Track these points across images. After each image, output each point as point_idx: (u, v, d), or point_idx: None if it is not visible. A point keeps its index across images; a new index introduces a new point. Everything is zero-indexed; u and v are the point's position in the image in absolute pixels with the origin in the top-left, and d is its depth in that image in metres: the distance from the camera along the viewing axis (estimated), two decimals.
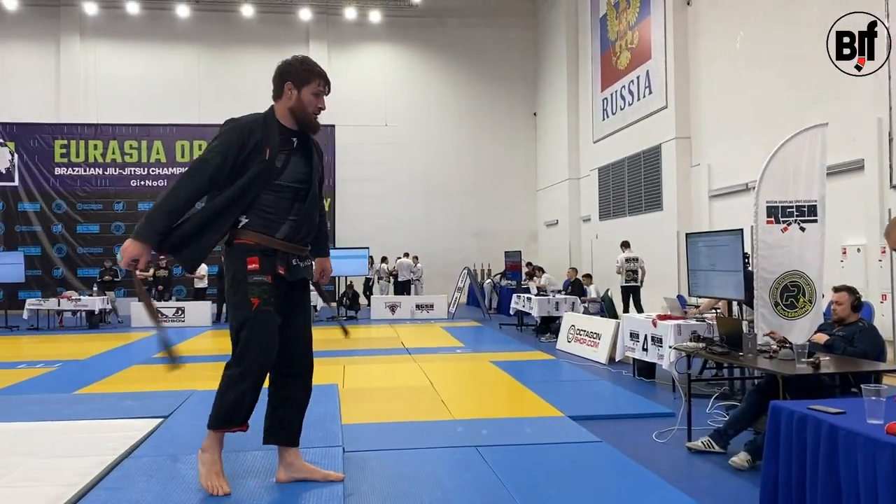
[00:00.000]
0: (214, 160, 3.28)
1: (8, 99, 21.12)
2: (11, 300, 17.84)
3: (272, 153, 3.36)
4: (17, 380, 8.45)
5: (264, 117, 3.47)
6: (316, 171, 3.56)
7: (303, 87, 3.46)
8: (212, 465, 3.31)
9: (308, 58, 3.60)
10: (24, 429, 4.46)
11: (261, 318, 3.31)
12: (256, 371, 3.32)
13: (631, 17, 16.04)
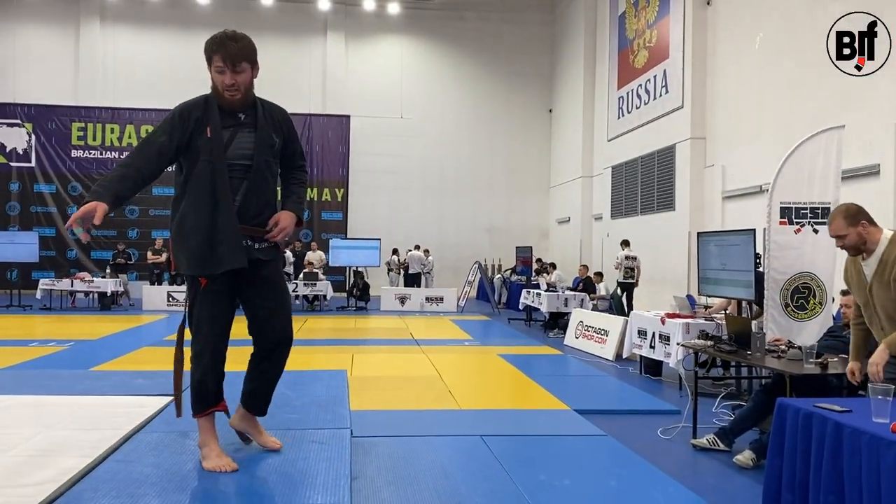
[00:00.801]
0: (159, 138, 3.30)
1: (27, 81, 21.28)
2: (25, 280, 18.04)
3: (214, 130, 3.33)
4: (31, 357, 8.56)
5: (206, 97, 3.44)
6: (263, 146, 3.41)
7: (210, 66, 3.39)
8: (209, 451, 3.34)
9: (223, 33, 3.42)
10: (38, 402, 4.53)
11: (208, 297, 3.33)
12: (210, 348, 3.34)
13: (650, 16, 15.98)
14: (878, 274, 3.65)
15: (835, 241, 3.81)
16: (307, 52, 22.33)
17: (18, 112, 20.92)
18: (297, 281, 16.44)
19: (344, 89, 22.61)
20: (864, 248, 3.71)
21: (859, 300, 3.85)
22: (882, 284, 3.63)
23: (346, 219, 22.51)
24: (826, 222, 6.27)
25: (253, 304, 3.46)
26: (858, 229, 3.67)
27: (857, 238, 3.69)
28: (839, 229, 3.73)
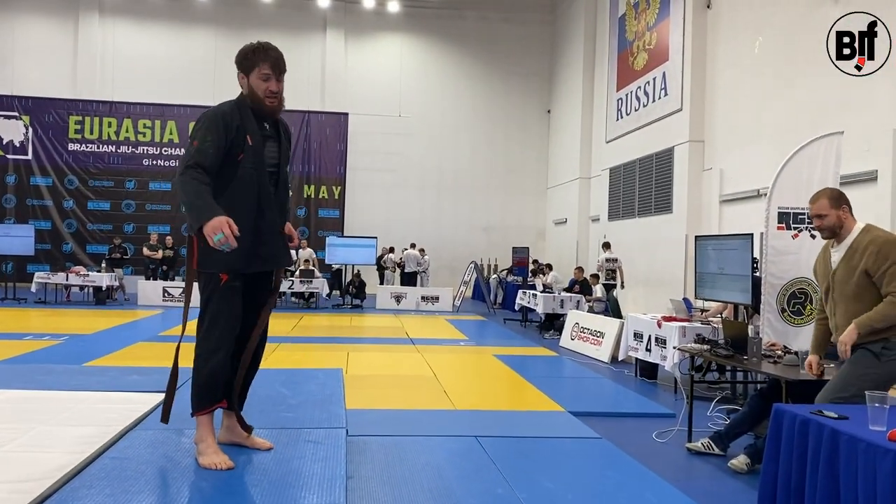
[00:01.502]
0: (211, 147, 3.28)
1: (25, 73, 21.21)
2: (20, 273, 17.98)
3: (255, 138, 3.41)
4: (24, 351, 8.53)
5: (237, 103, 3.48)
6: (286, 155, 3.63)
7: (249, 73, 3.47)
8: (206, 447, 3.33)
9: (263, 43, 3.53)
10: (32, 396, 4.52)
11: (227, 293, 3.38)
12: (225, 344, 3.38)
13: (650, 18, 15.98)
14: (846, 259, 3.80)
15: (813, 220, 3.94)
16: (306, 48, 22.29)
17: (16, 104, 20.84)
18: (294, 278, 16.41)
19: (342, 87, 22.58)
20: (838, 233, 3.86)
21: (821, 286, 4.01)
22: (847, 270, 3.79)
23: (342, 217, 22.48)
24: None
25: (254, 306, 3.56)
26: (839, 212, 3.83)
27: (836, 221, 3.84)
28: (822, 208, 3.87)
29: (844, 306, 3.80)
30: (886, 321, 3.68)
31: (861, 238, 3.78)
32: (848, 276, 3.78)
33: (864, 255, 3.72)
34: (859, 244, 3.78)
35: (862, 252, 3.73)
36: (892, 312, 3.65)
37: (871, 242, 3.73)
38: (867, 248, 3.72)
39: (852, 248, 3.80)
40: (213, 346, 3.34)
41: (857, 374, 3.69)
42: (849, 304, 3.77)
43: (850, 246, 3.82)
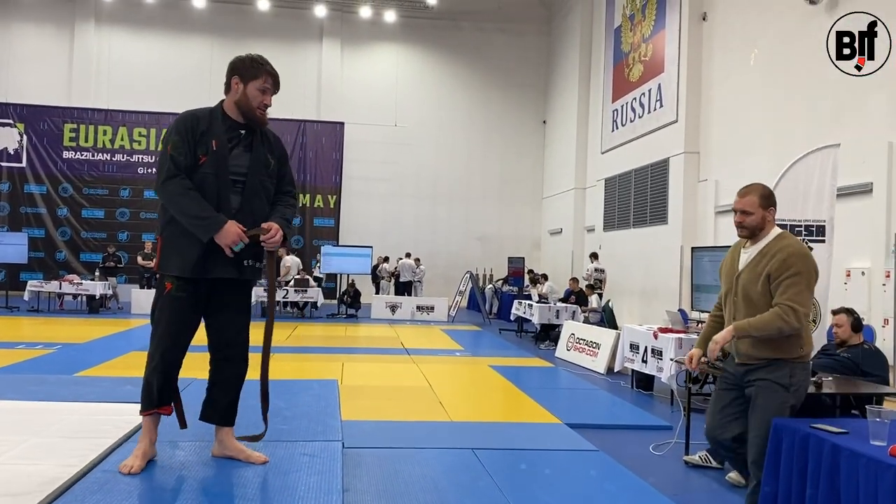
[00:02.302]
0: (180, 153, 3.37)
1: (20, 81, 21.17)
2: (13, 281, 17.88)
3: (220, 143, 3.43)
4: (17, 360, 8.46)
5: (211, 110, 3.55)
6: (258, 164, 3.55)
7: (249, 81, 3.52)
8: (136, 449, 3.41)
9: (260, 56, 3.65)
10: (23, 408, 4.46)
11: (168, 303, 3.41)
12: (161, 350, 3.42)
13: (645, 30, 16.05)
14: (754, 263, 3.64)
15: (736, 214, 3.73)
16: (302, 58, 22.30)
17: (10, 112, 20.78)
18: (288, 287, 16.36)
19: (339, 96, 22.60)
20: (757, 235, 3.69)
21: (724, 287, 3.85)
22: (753, 274, 3.63)
23: (338, 226, 22.45)
24: (822, 240, 6.30)
25: (218, 321, 3.55)
26: (766, 213, 3.65)
27: (760, 221, 3.66)
28: (750, 205, 3.66)
29: (745, 311, 3.62)
30: (765, 331, 3.51)
31: (774, 244, 3.62)
32: (753, 280, 3.61)
33: (771, 261, 3.55)
34: (770, 249, 3.61)
35: (770, 257, 3.57)
36: (775, 324, 3.47)
37: (781, 250, 3.56)
38: (776, 254, 3.56)
39: (762, 253, 3.64)
40: (150, 354, 3.45)
41: (777, 412, 3.57)
42: (750, 308, 3.60)
43: (761, 250, 3.65)
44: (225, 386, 3.61)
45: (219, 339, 3.57)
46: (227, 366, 3.61)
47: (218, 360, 3.60)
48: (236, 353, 3.61)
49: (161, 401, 3.51)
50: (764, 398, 3.59)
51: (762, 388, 3.60)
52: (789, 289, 3.46)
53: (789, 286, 3.46)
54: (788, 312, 3.43)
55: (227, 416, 3.62)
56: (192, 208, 3.30)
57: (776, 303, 3.49)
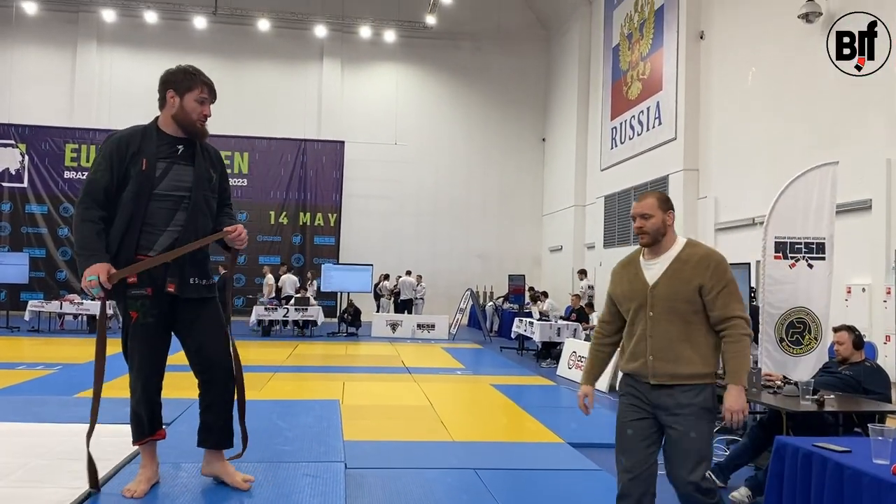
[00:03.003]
0: (104, 177, 3.31)
1: (22, 102, 21.29)
2: (14, 301, 17.87)
3: (149, 163, 3.35)
4: (18, 381, 8.45)
5: (144, 128, 3.48)
6: (201, 180, 3.46)
7: (185, 93, 3.46)
8: (140, 474, 3.42)
9: (193, 66, 3.59)
10: (25, 429, 4.46)
11: (139, 331, 3.39)
12: (142, 381, 3.43)
13: (643, 49, 16.17)
14: (673, 273, 3.23)
15: (635, 220, 3.35)
16: (303, 77, 22.45)
17: (12, 132, 20.88)
18: (289, 306, 16.36)
19: (339, 115, 22.71)
20: (660, 241, 3.30)
21: (631, 304, 3.33)
22: (675, 285, 3.20)
23: (338, 244, 22.48)
24: (822, 257, 6.32)
25: (192, 342, 3.49)
26: (665, 217, 3.31)
27: (661, 225, 3.29)
28: (649, 207, 3.31)
29: (667, 326, 3.20)
30: (747, 360, 3.21)
31: (690, 251, 3.27)
32: (676, 292, 3.19)
33: (699, 269, 3.19)
34: (690, 257, 3.24)
35: (695, 266, 3.20)
36: (747, 346, 3.18)
37: (706, 257, 3.23)
38: (701, 262, 3.21)
39: (680, 261, 3.24)
40: (132, 386, 3.48)
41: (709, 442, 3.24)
42: (673, 324, 3.19)
43: (676, 258, 3.26)
44: (217, 409, 3.50)
45: (199, 358, 3.47)
46: (213, 387, 3.49)
47: (204, 382, 3.50)
48: (219, 372, 3.49)
49: (152, 429, 3.51)
50: (697, 429, 3.17)
51: (691, 417, 3.16)
52: (731, 300, 3.17)
53: (730, 297, 3.17)
54: (745, 326, 3.16)
55: (223, 439, 3.53)
56: (84, 239, 3.24)
57: (725, 316, 3.15)
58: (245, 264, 20.59)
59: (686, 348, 3.19)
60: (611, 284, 3.52)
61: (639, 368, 3.26)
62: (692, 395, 3.16)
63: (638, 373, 3.28)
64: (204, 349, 3.46)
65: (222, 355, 3.50)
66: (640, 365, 3.26)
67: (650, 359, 3.22)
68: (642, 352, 3.25)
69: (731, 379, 3.16)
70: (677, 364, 3.18)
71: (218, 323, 3.55)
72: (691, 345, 3.19)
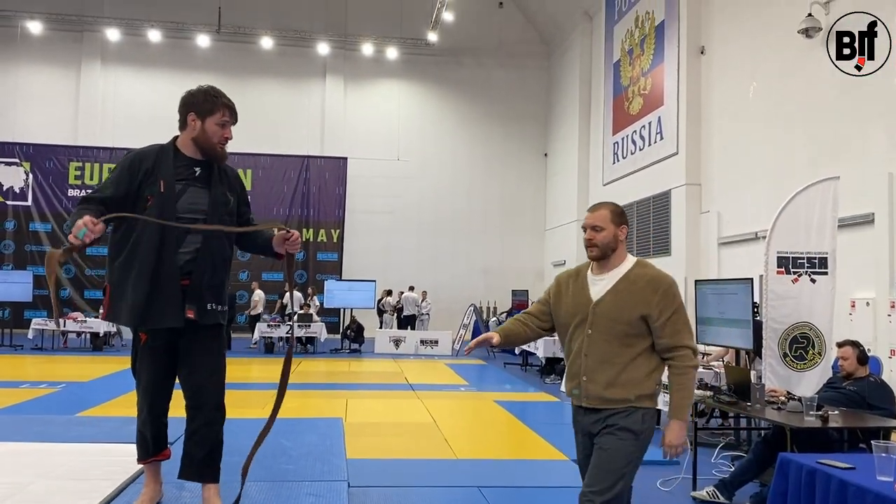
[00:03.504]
0: (106, 191, 3.32)
1: (27, 120, 21.43)
2: (17, 319, 17.87)
3: (167, 184, 3.32)
4: (21, 399, 8.45)
5: (161, 147, 3.46)
6: (217, 204, 3.42)
7: (206, 117, 3.42)
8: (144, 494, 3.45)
9: (214, 88, 3.51)
10: (30, 449, 4.46)
11: (147, 353, 3.40)
12: (148, 401, 3.45)
13: (644, 64, 16.25)
14: (619, 292, 3.02)
15: (586, 231, 3.15)
16: (306, 94, 22.58)
17: (17, 151, 21.00)
18: (291, 322, 16.33)
19: (342, 132, 22.81)
20: (609, 256, 3.11)
21: (572, 319, 3.09)
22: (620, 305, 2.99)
23: (341, 260, 22.51)
24: (825, 272, 6.32)
25: (186, 366, 3.41)
26: (617, 231, 3.11)
27: (612, 239, 3.09)
28: (601, 220, 3.11)
29: (605, 346, 2.98)
30: (692, 392, 3.08)
31: (639, 271, 3.07)
32: (619, 312, 2.98)
33: (647, 293, 2.98)
34: (638, 278, 3.04)
35: (643, 287, 3.00)
36: (693, 378, 3.05)
37: (656, 280, 3.02)
38: (649, 284, 3.01)
39: (628, 280, 3.04)
40: (139, 406, 3.50)
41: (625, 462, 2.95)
42: (611, 344, 2.98)
43: (624, 276, 3.06)
44: (198, 438, 3.39)
45: (188, 385, 3.40)
46: (198, 415, 3.40)
47: (189, 409, 3.43)
48: (207, 401, 3.40)
49: (157, 448, 3.52)
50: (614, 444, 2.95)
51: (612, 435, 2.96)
52: (681, 328, 3.00)
53: (679, 324, 3.00)
54: (692, 357, 3.01)
55: (203, 471, 3.39)
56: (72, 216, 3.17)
57: (674, 345, 2.97)
58: (247, 280, 20.61)
59: (620, 372, 2.96)
60: (553, 292, 3.27)
61: (575, 389, 3.06)
62: (620, 416, 2.95)
63: (575, 395, 3.07)
64: (195, 376, 3.40)
65: (213, 384, 3.43)
66: (575, 385, 3.06)
67: (583, 379, 3.01)
68: (577, 371, 3.04)
69: (676, 414, 3.02)
70: (609, 388, 2.96)
71: (216, 352, 3.49)
72: (626, 369, 2.97)
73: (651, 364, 3.02)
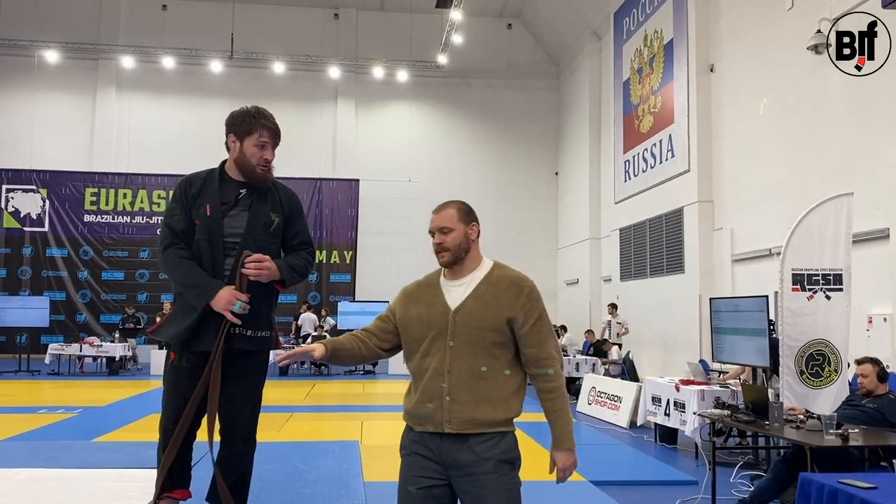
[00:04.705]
0: (179, 222, 3.33)
1: (43, 147, 21.72)
2: (34, 344, 18.01)
3: (213, 208, 3.29)
4: (39, 425, 8.49)
5: (210, 171, 3.44)
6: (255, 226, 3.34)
7: (245, 138, 3.37)
8: None
9: (257, 108, 3.44)
10: (51, 475, 4.49)
11: (171, 373, 3.36)
12: (164, 427, 3.33)
13: (654, 82, 16.29)
14: (479, 297, 2.70)
15: (434, 236, 2.85)
16: (318, 118, 22.79)
17: (34, 178, 21.29)
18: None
19: (353, 154, 22.98)
20: (462, 259, 2.80)
21: (427, 332, 2.70)
22: (481, 312, 2.66)
23: (354, 281, 22.56)
24: (840, 288, 6.29)
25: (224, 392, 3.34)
26: (468, 230, 2.83)
27: (464, 240, 2.80)
28: (448, 220, 2.83)
29: (470, 360, 2.62)
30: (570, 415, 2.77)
31: (500, 273, 2.79)
32: (483, 317, 2.65)
33: (510, 295, 2.70)
34: (500, 279, 2.75)
35: (506, 289, 2.71)
36: (567, 402, 2.75)
37: (518, 282, 2.76)
38: (512, 286, 2.73)
39: (489, 282, 2.74)
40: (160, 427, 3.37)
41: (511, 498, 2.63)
42: (477, 357, 2.62)
43: (484, 279, 2.76)
44: (225, 465, 3.37)
45: (221, 413, 3.35)
46: (229, 444, 3.39)
47: (222, 436, 3.40)
48: (235, 431, 3.37)
49: (171, 484, 3.34)
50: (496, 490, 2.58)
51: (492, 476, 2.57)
52: (546, 335, 2.72)
53: (545, 332, 2.72)
54: (560, 372, 2.73)
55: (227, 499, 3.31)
56: (187, 277, 3.21)
57: (540, 357, 2.68)
58: None
59: (489, 388, 2.61)
60: (399, 306, 2.88)
61: (432, 413, 2.60)
62: (490, 445, 2.58)
63: (430, 419, 2.61)
64: (227, 404, 3.36)
65: (243, 415, 3.39)
66: (434, 409, 2.60)
67: (447, 400, 2.59)
68: (438, 392, 2.60)
69: (564, 444, 2.72)
70: (478, 408, 2.58)
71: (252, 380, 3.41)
72: (494, 384, 2.62)
73: (517, 380, 2.69)
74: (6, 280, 20.89)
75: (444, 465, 2.58)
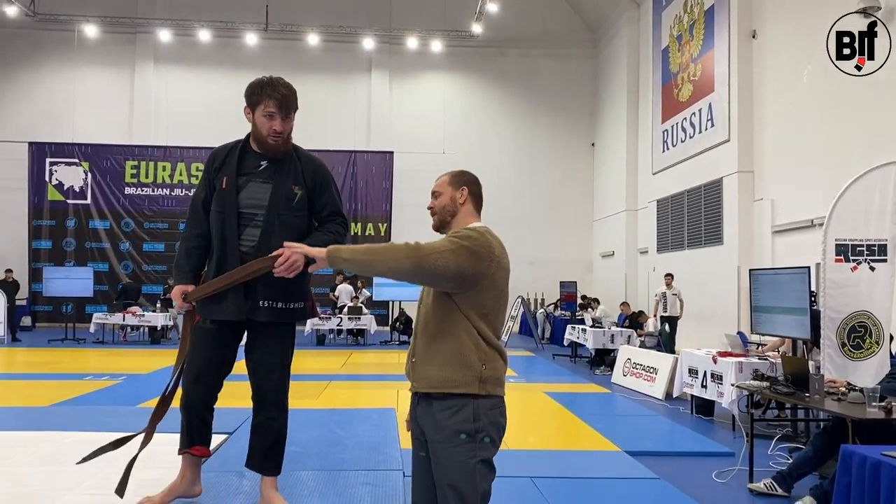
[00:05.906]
0: (201, 193, 3.45)
1: (85, 121, 22.09)
2: (79, 314, 18.48)
3: (229, 181, 3.32)
4: (85, 391, 8.75)
5: (234, 143, 3.48)
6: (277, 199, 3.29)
7: (255, 108, 3.35)
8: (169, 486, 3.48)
9: (269, 78, 3.37)
10: (97, 438, 4.62)
11: (195, 335, 3.43)
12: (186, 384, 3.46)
13: (694, 50, 15.94)
14: None
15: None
16: (352, 90, 22.77)
17: (76, 151, 21.68)
18: (342, 315, 16.56)
19: (388, 126, 22.95)
20: (446, 222, 2.80)
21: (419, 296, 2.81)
22: None
23: None
24: (885, 259, 6.14)
25: (250, 362, 3.47)
26: (455, 194, 2.79)
27: (450, 203, 2.78)
28: (439, 185, 2.84)
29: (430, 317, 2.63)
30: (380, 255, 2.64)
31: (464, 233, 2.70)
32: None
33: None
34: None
35: None
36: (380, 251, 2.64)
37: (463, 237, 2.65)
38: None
39: None
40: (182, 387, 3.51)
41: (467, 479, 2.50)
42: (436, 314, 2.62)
43: None
44: (259, 431, 3.47)
45: (252, 381, 3.46)
46: (261, 410, 3.46)
47: (255, 403, 3.49)
48: (266, 398, 3.43)
49: (190, 441, 3.47)
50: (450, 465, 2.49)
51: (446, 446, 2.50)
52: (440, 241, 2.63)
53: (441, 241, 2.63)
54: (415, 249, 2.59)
55: (264, 464, 3.45)
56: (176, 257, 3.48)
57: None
58: None
59: (444, 344, 2.55)
60: None
61: (408, 373, 2.68)
62: (449, 414, 2.50)
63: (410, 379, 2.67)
64: (257, 372, 3.44)
65: (273, 382, 3.43)
66: (408, 369, 2.68)
67: (413, 361, 2.64)
68: (411, 352, 2.67)
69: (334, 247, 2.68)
70: (432, 364, 2.55)
71: (278, 351, 3.43)
72: (450, 340, 2.55)
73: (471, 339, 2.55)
74: (52, 251, 21.41)
75: (421, 431, 2.60)
